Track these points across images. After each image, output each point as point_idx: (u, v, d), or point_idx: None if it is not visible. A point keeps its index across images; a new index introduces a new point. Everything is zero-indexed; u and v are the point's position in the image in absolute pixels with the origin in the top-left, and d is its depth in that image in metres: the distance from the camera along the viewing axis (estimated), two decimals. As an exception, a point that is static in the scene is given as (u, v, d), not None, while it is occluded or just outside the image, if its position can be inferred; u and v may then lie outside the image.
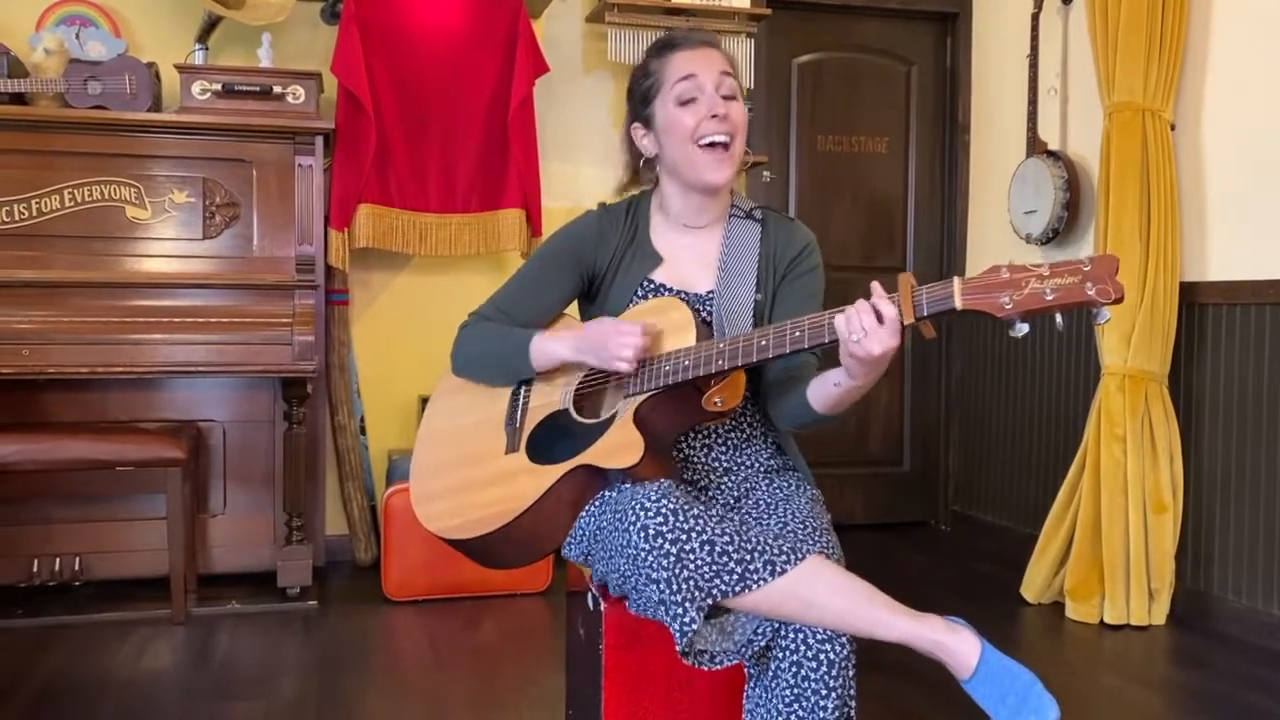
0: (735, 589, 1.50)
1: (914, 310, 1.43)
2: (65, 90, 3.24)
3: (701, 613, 1.49)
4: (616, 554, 1.57)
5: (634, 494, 1.56)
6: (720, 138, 1.76)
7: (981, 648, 1.48)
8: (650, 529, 1.50)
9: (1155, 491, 3.26)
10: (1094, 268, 1.34)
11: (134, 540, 3.41)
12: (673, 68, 1.79)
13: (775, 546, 1.53)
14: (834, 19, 4.45)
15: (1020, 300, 1.36)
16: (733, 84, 1.79)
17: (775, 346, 1.54)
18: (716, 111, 1.75)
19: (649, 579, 1.50)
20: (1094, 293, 1.33)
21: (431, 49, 3.67)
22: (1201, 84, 3.33)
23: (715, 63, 1.79)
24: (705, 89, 1.76)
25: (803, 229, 1.88)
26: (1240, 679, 2.81)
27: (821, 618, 1.51)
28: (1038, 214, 3.79)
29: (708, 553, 1.49)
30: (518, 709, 2.55)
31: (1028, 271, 1.37)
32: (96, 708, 2.52)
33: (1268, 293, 3.09)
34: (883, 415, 4.58)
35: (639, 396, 1.64)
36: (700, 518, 1.52)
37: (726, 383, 1.63)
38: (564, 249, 1.87)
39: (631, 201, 1.92)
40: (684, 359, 1.62)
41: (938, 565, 4.01)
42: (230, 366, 3.20)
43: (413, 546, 3.37)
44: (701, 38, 1.83)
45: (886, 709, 2.51)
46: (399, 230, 3.68)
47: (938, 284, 1.43)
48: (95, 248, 3.29)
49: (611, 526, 1.58)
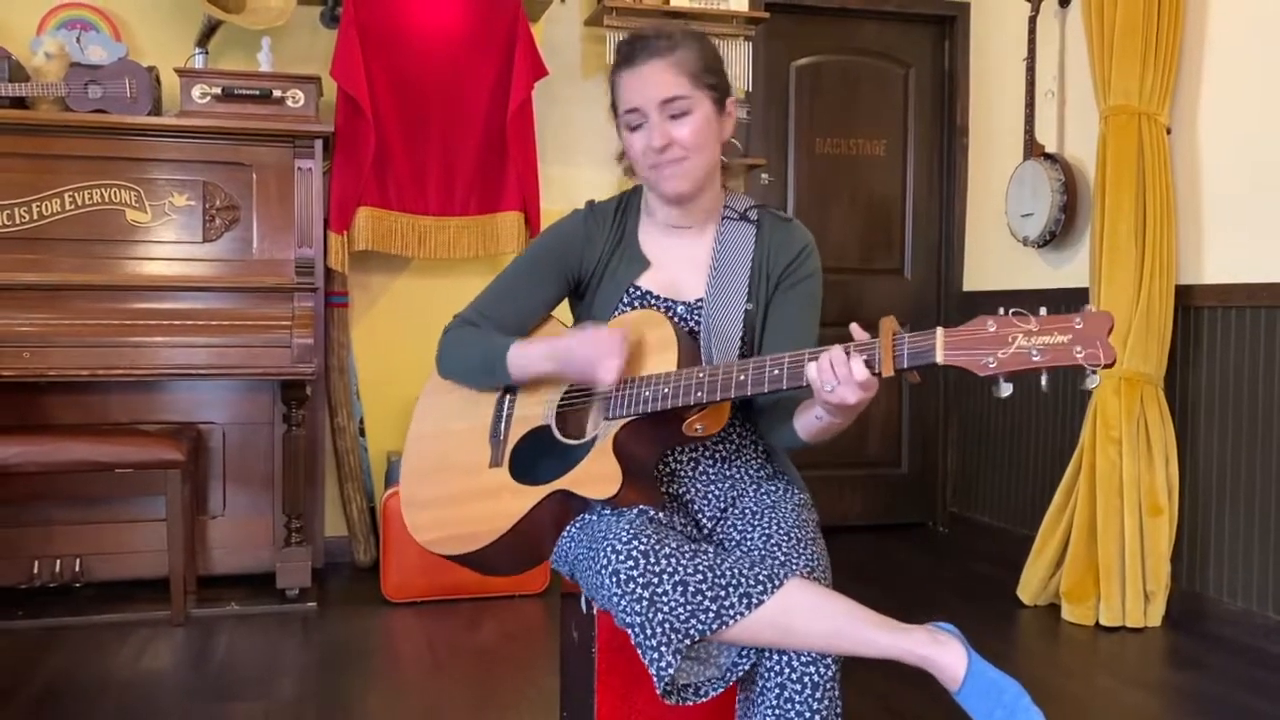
0: (712, 627, 1.48)
1: (894, 362, 1.38)
2: (66, 94, 3.26)
3: (679, 656, 1.47)
4: (593, 588, 1.57)
5: (607, 532, 1.54)
6: (666, 165, 1.71)
7: (968, 659, 1.47)
8: (621, 574, 1.48)
9: (1151, 494, 3.27)
10: (1085, 326, 1.28)
11: (134, 542, 3.42)
12: (621, 92, 1.74)
13: (751, 576, 1.50)
14: (832, 22, 4.46)
15: (1005, 360, 1.32)
16: (682, 102, 1.69)
17: (754, 384, 1.51)
18: (654, 143, 1.69)
19: (624, 622, 1.49)
20: (1082, 357, 1.27)
21: (430, 52, 3.69)
22: (1197, 88, 3.34)
23: (658, 87, 1.69)
24: (650, 116, 1.70)
25: (800, 230, 1.82)
26: (1235, 681, 2.82)
27: (804, 643, 1.50)
28: (1035, 217, 3.80)
29: (681, 593, 1.47)
30: (515, 710, 2.57)
31: (1015, 326, 1.32)
32: (96, 708, 2.53)
33: (1263, 296, 3.10)
34: (881, 417, 4.59)
35: (618, 422, 1.62)
36: (672, 556, 1.49)
37: (708, 411, 1.60)
38: (548, 252, 1.83)
39: (622, 198, 1.87)
40: (663, 387, 1.58)
41: (935, 567, 4.02)
42: (230, 369, 3.22)
43: (412, 548, 3.35)
44: (651, 49, 1.71)
45: (886, 709, 2.52)
46: (398, 233, 3.70)
47: (920, 334, 1.38)
48: (96, 251, 3.31)
49: (587, 560, 1.57)
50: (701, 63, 1.72)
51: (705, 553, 1.53)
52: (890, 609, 1.55)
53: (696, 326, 1.75)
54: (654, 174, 1.73)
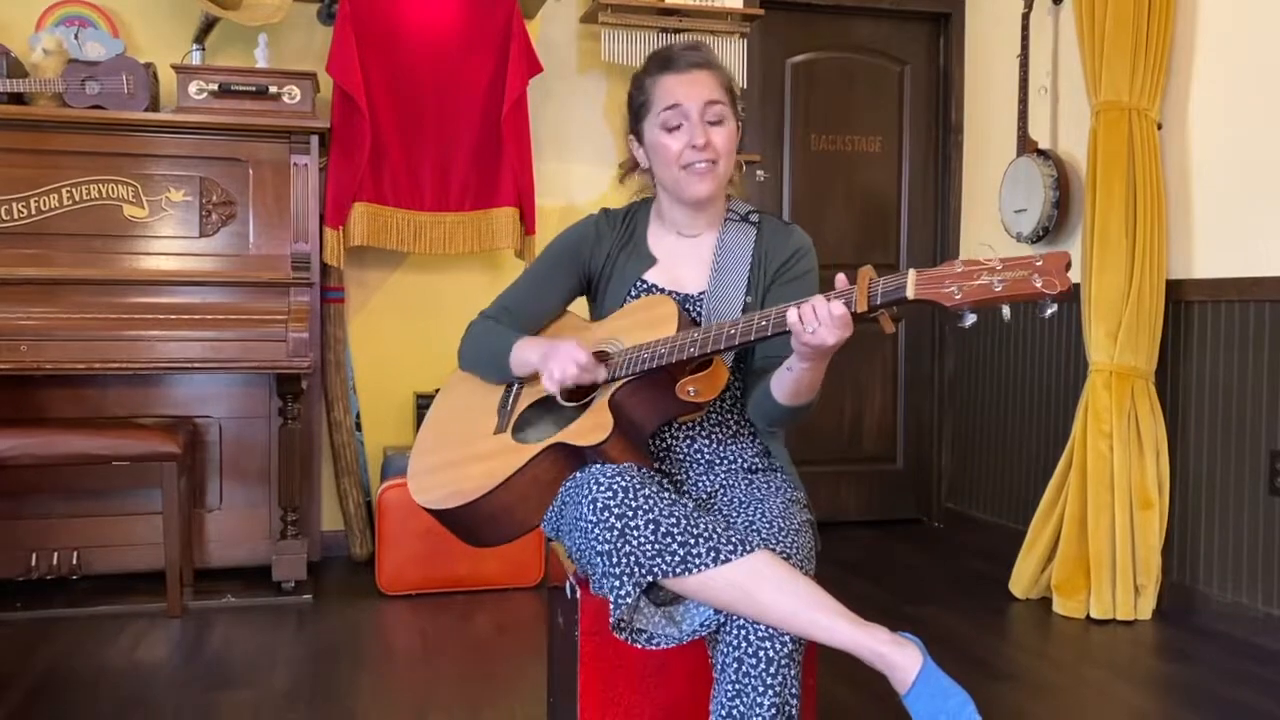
0: (676, 570, 1.54)
1: (868, 300, 1.47)
2: (64, 90, 3.28)
3: (639, 588, 1.53)
4: (573, 527, 1.63)
5: (593, 470, 1.62)
6: (701, 165, 1.81)
7: (922, 664, 1.51)
8: (599, 502, 1.56)
9: (1141, 487, 3.28)
10: (1045, 263, 1.38)
11: (131, 535, 3.45)
12: (661, 92, 1.83)
13: (724, 536, 1.56)
14: (827, 19, 4.48)
15: (969, 291, 1.40)
16: (720, 110, 1.82)
17: (743, 335, 1.59)
18: (696, 142, 1.80)
19: (595, 551, 1.55)
20: (1040, 284, 1.36)
21: (426, 49, 3.71)
22: (1188, 83, 3.36)
23: (703, 90, 1.81)
24: (690, 116, 1.80)
25: (798, 233, 1.92)
26: (1225, 673, 2.83)
27: (764, 614, 1.54)
28: (1028, 213, 3.82)
29: (651, 531, 1.54)
30: (508, 700, 2.59)
31: (980, 265, 1.41)
32: (93, 698, 2.56)
33: (1253, 290, 3.11)
34: (877, 413, 4.61)
35: (617, 382, 1.70)
36: (650, 497, 1.56)
37: (703, 374, 1.68)
38: (564, 251, 1.96)
39: (632, 207, 1.99)
40: (660, 347, 1.67)
41: (930, 562, 4.04)
42: (226, 363, 3.24)
43: (407, 541, 3.41)
44: (694, 59, 1.84)
45: (885, 709, 2.52)
46: (394, 228, 3.72)
47: (894, 275, 1.48)
48: (93, 245, 3.33)
49: (572, 501, 1.64)
50: (732, 82, 1.89)
51: (684, 504, 1.60)
52: (884, 603, 1.58)
53: (698, 317, 1.84)
54: (685, 175, 1.82)
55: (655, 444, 1.82)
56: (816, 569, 1.71)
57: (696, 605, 1.61)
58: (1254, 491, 3.12)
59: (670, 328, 1.71)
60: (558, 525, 1.73)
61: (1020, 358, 4.09)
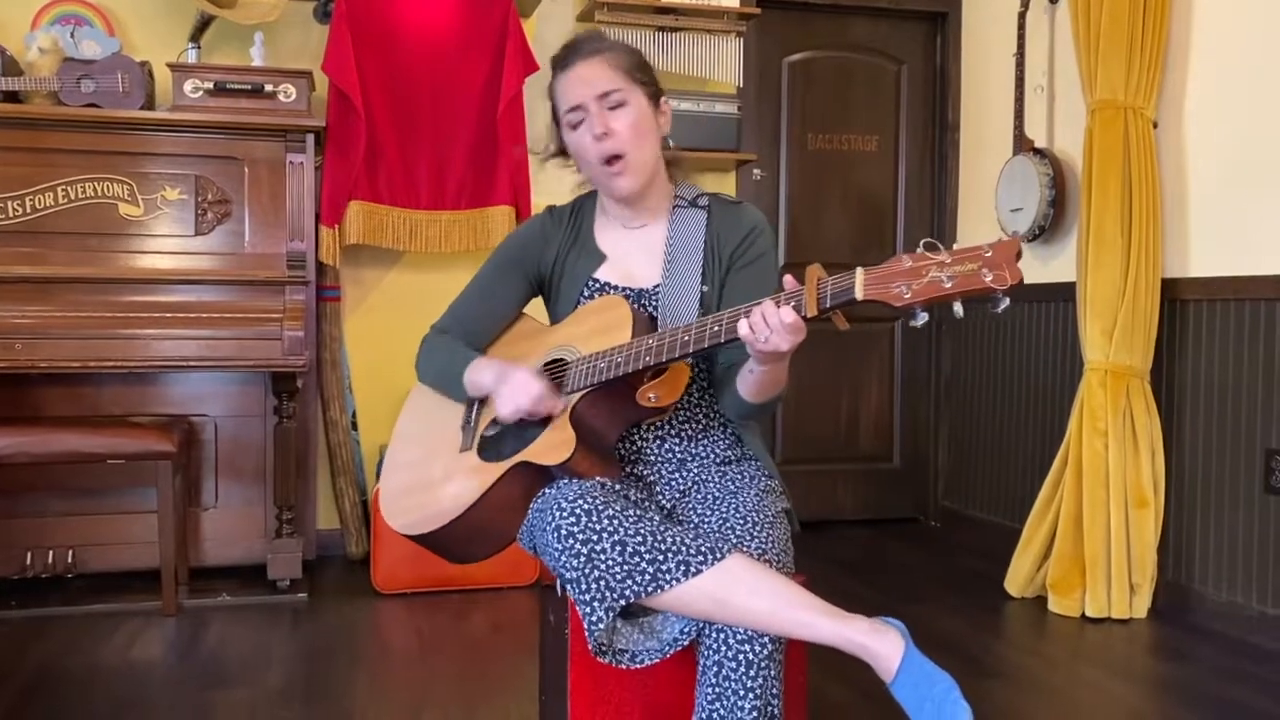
0: (648, 589, 1.52)
1: (818, 303, 1.44)
2: (59, 88, 3.28)
3: (611, 613, 1.51)
4: (543, 550, 1.61)
5: (556, 494, 1.60)
6: (609, 153, 1.77)
7: (905, 651, 1.49)
8: (563, 529, 1.53)
9: (1137, 486, 3.28)
10: (994, 254, 1.32)
11: (126, 533, 3.44)
12: (559, 95, 1.82)
13: (693, 547, 1.54)
14: (824, 18, 4.48)
15: (919, 289, 1.36)
16: (617, 96, 1.77)
17: (696, 342, 1.57)
18: (595, 132, 1.76)
19: (564, 579, 1.54)
20: (990, 279, 1.31)
21: (422, 48, 3.71)
22: (1183, 82, 3.36)
23: (593, 84, 1.77)
24: (589, 109, 1.77)
25: (749, 212, 1.87)
26: (1220, 672, 2.83)
27: (741, 618, 1.53)
28: (1024, 211, 3.82)
29: (619, 553, 1.52)
30: (502, 698, 2.59)
31: (928, 259, 1.37)
32: (88, 697, 2.56)
33: (1248, 289, 3.11)
34: (873, 412, 4.61)
35: (575, 395, 1.68)
36: (615, 518, 1.54)
37: (662, 379, 1.66)
38: (510, 255, 1.93)
39: (578, 202, 1.96)
40: (616, 356, 1.65)
41: (926, 560, 4.04)
42: (221, 361, 3.24)
43: (402, 540, 3.33)
44: (585, 50, 1.80)
45: (876, 705, 2.52)
46: (389, 227, 3.72)
47: (843, 275, 1.44)
48: (89, 244, 3.33)
49: (539, 523, 1.62)
50: (631, 60, 1.82)
51: (650, 519, 1.57)
52: (880, 602, 1.57)
53: (655, 311, 1.80)
54: (603, 172, 1.79)
55: (625, 446, 1.79)
56: (809, 563, 1.70)
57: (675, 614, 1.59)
58: (1249, 490, 3.12)
59: (625, 332, 1.67)
60: (532, 542, 1.71)
61: (1016, 356, 4.09)
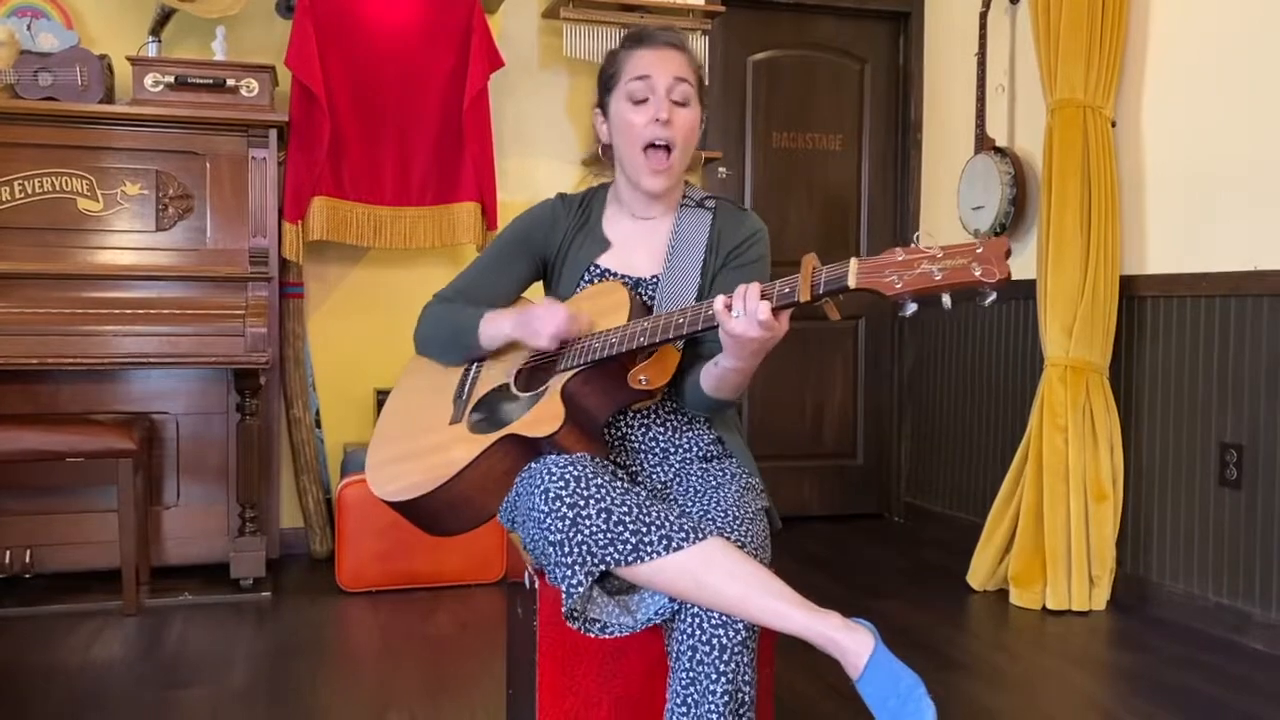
0: (628, 558, 1.54)
1: (811, 290, 1.47)
2: (15, 82, 3.23)
3: (590, 577, 1.53)
4: (526, 517, 1.63)
5: (545, 461, 1.62)
6: (661, 141, 1.81)
7: (874, 649, 1.51)
8: (551, 492, 1.56)
9: (1096, 480, 3.33)
10: (985, 250, 1.37)
11: (86, 532, 3.40)
12: (631, 64, 1.84)
13: (677, 524, 1.56)
14: (788, 17, 4.51)
15: (910, 280, 1.40)
16: (687, 90, 1.82)
17: (690, 325, 1.60)
18: (660, 116, 1.79)
19: (548, 541, 1.55)
20: (979, 274, 1.36)
21: (386, 43, 3.69)
22: (1141, 81, 3.41)
23: (672, 66, 1.82)
24: (656, 90, 1.81)
25: (752, 219, 1.92)
26: (1177, 661, 2.88)
27: (716, 601, 1.54)
28: (985, 209, 3.86)
29: (604, 520, 1.54)
30: (467, 694, 2.58)
31: (921, 253, 1.41)
32: (45, 697, 2.52)
33: (1203, 285, 3.17)
34: (837, 409, 4.64)
35: (568, 372, 1.71)
36: (603, 487, 1.57)
37: (652, 361, 1.69)
38: (518, 235, 1.96)
39: (590, 191, 1.99)
40: (611, 336, 1.68)
41: (889, 555, 4.07)
42: (182, 358, 3.20)
43: (367, 538, 3.39)
44: (668, 38, 1.85)
45: (841, 699, 2.53)
46: (354, 223, 3.70)
47: (837, 264, 1.47)
48: (47, 239, 3.28)
49: (525, 491, 1.64)
50: (702, 72, 1.89)
51: (637, 494, 1.60)
52: (844, 597, 1.58)
53: (651, 301, 1.84)
54: (640, 161, 1.82)
55: (610, 433, 1.82)
56: (776, 559, 1.72)
57: (651, 594, 1.61)
58: (1205, 483, 3.17)
59: (622, 316, 1.71)
60: (513, 516, 1.73)
61: (977, 353, 4.13)
